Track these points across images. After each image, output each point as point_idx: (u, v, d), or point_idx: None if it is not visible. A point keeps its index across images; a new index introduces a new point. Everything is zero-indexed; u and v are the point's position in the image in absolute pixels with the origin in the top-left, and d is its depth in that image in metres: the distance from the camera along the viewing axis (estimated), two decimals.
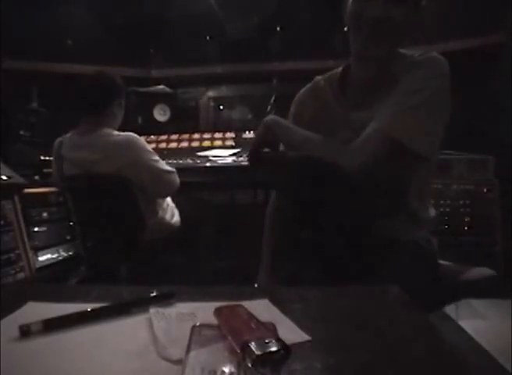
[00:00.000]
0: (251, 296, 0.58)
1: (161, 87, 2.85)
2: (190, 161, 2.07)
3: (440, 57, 0.92)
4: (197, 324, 0.45)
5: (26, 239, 1.89)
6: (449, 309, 1.38)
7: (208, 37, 3.04)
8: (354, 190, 0.87)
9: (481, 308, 1.76)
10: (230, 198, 2.55)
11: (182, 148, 2.51)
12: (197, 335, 0.43)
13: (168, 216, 1.77)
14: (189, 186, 1.80)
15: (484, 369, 0.69)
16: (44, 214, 2.08)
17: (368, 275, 0.85)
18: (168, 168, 1.68)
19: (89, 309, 0.54)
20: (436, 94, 0.87)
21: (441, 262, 1.07)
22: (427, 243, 0.97)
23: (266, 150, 1.06)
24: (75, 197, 1.73)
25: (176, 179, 1.70)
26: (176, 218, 1.83)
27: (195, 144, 2.55)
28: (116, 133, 1.62)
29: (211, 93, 3.13)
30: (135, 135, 1.62)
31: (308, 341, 0.46)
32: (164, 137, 2.64)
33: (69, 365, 0.42)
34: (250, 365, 0.35)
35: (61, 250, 2.13)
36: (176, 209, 1.85)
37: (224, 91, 3.17)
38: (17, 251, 1.83)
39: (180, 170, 1.87)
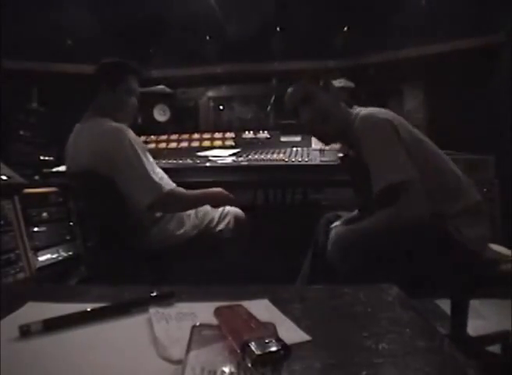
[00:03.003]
0: (251, 296, 0.58)
1: (161, 87, 2.85)
2: (190, 161, 2.07)
3: (366, 117, 1.26)
4: (197, 324, 0.45)
5: (26, 239, 1.89)
6: (448, 308, 1.39)
7: (208, 37, 3.04)
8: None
9: (481, 308, 1.76)
10: None
11: (182, 148, 2.51)
12: (197, 335, 0.43)
13: (171, 226, 1.55)
14: (189, 186, 1.80)
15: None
16: (44, 214, 2.07)
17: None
18: (154, 178, 1.41)
19: (89, 309, 0.54)
20: (377, 143, 1.21)
21: (491, 246, 1.25)
22: (455, 231, 1.15)
23: None
24: (73, 196, 1.68)
25: (159, 192, 1.41)
26: (186, 229, 1.57)
27: (195, 144, 2.55)
28: (109, 124, 1.44)
29: (210, 93, 3.13)
30: (123, 127, 1.43)
31: (308, 341, 0.46)
32: (164, 137, 2.64)
33: (69, 365, 0.42)
34: (250, 365, 0.35)
35: (61, 250, 2.13)
36: (189, 220, 1.59)
37: (224, 91, 3.17)
38: (17, 251, 1.83)
39: (180, 170, 1.87)
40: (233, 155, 2.16)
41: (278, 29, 2.96)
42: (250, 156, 2.09)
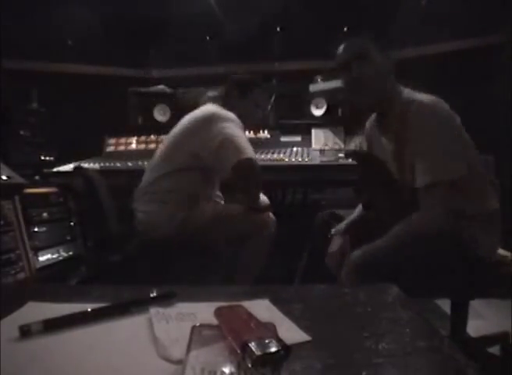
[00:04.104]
0: (251, 296, 0.58)
1: (161, 87, 2.85)
2: None
3: (428, 105, 1.17)
4: (197, 324, 0.45)
5: (26, 239, 1.89)
6: (448, 308, 1.39)
7: (208, 37, 3.04)
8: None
9: (481, 308, 1.76)
10: None
11: None
12: (197, 335, 0.43)
13: (148, 225, 1.58)
14: None
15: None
16: (44, 214, 2.07)
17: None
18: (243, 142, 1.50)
19: (89, 309, 0.54)
20: (439, 135, 1.13)
21: (500, 252, 1.22)
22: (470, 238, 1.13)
23: None
24: (73, 196, 1.73)
25: (242, 155, 1.46)
26: (164, 229, 1.55)
27: None
28: (215, 107, 1.61)
29: (210, 93, 3.13)
30: (217, 110, 1.57)
31: (308, 341, 0.46)
32: (164, 137, 2.64)
33: (69, 365, 0.42)
34: (250, 365, 0.35)
35: (61, 250, 2.13)
36: (169, 222, 1.56)
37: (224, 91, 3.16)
38: (17, 251, 1.83)
39: None
40: None
41: (278, 29, 2.96)
42: None
